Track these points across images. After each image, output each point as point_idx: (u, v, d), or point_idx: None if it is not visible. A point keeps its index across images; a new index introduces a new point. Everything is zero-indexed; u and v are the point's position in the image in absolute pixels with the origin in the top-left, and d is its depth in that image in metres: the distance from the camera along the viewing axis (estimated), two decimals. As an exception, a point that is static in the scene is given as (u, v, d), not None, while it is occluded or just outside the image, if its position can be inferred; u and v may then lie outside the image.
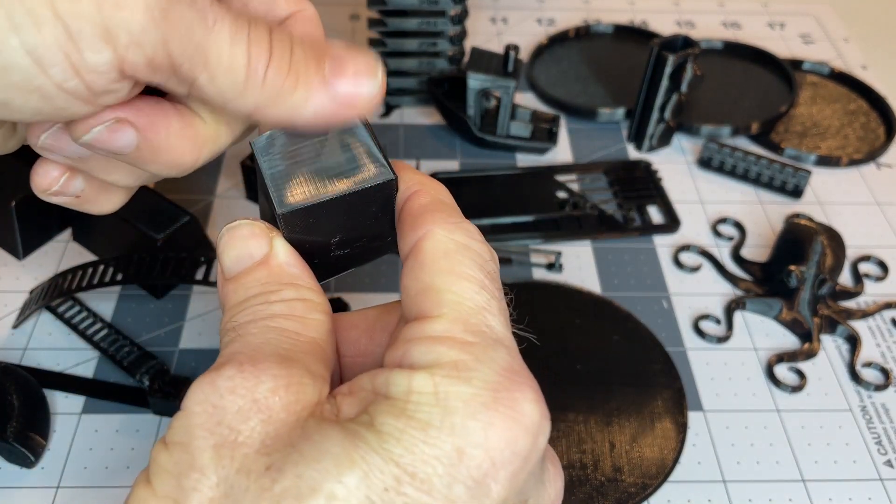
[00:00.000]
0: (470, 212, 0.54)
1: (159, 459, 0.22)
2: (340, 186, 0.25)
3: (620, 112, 0.63)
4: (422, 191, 0.27)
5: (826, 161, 0.61)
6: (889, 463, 0.43)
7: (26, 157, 0.57)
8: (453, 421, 0.21)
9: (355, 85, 0.25)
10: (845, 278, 0.53)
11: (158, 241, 0.46)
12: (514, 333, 0.26)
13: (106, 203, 0.29)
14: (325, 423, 0.22)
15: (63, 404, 0.43)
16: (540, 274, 0.52)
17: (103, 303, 0.48)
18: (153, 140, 0.24)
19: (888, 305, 0.51)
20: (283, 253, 0.26)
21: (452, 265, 0.25)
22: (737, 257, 0.53)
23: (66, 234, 0.52)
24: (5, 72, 0.21)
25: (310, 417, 0.22)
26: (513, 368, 0.23)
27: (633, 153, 0.61)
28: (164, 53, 0.22)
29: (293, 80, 0.24)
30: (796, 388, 0.46)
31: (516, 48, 0.55)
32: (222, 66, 0.23)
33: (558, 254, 0.52)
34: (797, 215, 0.55)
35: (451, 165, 0.59)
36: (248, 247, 0.26)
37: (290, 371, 0.23)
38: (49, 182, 0.27)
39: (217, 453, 0.21)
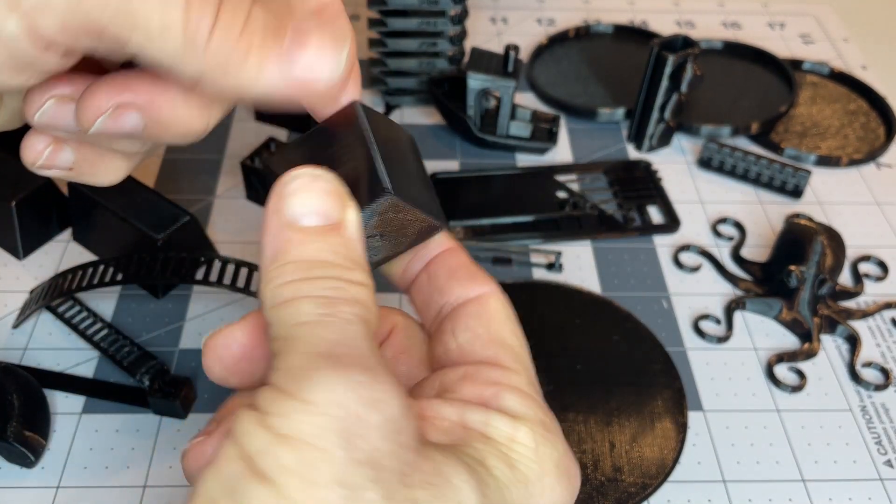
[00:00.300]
0: (470, 212, 0.55)
1: (279, 456, 0.19)
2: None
3: (620, 112, 0.63)
4: (460, 249, 0.28)
5: (826, 161, 0.61)
6: (889, 463, 0.43)
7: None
8: (545, 481, 0.23)
9: (316, 61, 0.22)
10: (845, 278, 0.53)
11: (158, 241, 0.47)
12: None
13: (106, 174, 0.27)
14: (448, 454, 0.22)
15: (63, 404, 0.43)
16: (540, 274, 0.52)
17: (103, 303, 0.48)
18: (158, 116, 0.23)
19: (888, 305, 0.51)
20: (355, 227, 0.24)
21: (516, 329, 0.27)
22: (737, 257, 0.53)
23: (67, 234, 0.52)
24: None
25: (427, 444, 0.21)
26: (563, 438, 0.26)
27: (633, 153, 0.61)
28: (79, 16, 0.20)
29: (244, 48, 0.21)
30: (796, 388, 0.46)
31: (516, 48, 0.56)
32: (154, 29, 0.20)
33: (558, 254, 0.52)
34: (797, 215, 0.55)
35: (451, 165, 0.59)
36: (326, 203, 0.23)
37: (400, 388, 0.22)
38: (34, 155, 0.25)
39: (357, 470, 0.20)
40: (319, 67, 0.23)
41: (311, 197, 0.23)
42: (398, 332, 0.29)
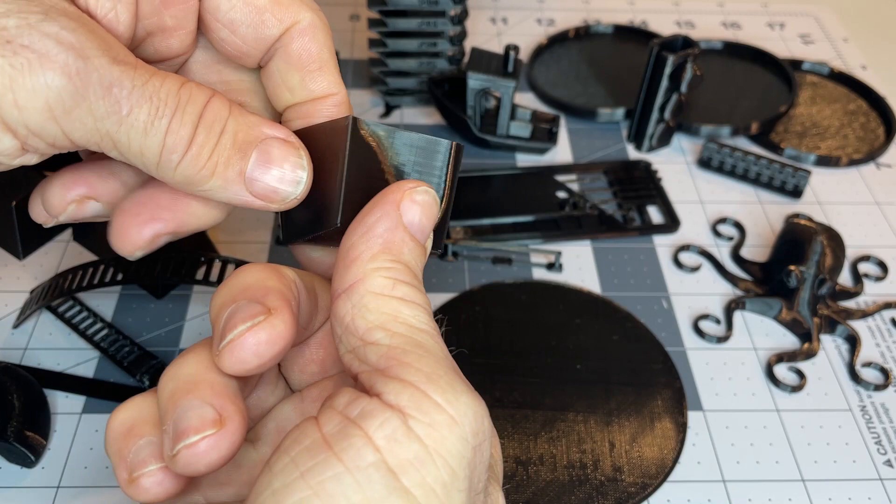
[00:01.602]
0: (470, 212, 0.55)
1: (427, 473, 0.20)
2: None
3: (620, 112, 0.63)
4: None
5: (826, 161, 0.61)
6: (889, 463, 0.43)
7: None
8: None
9: (275, 186, 0.24)
10: (845, 278, 0.53)
11: (159, 241, 0.47)
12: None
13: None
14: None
15: (63, 404, 0.43)
16: (540, 274, 0.52)
17: (104, 303, 0.48)
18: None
19: (888, 305, 0.51)
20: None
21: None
22: (736, 257, 0.53)
23: (67, 234, 0.52)
24: None
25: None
26: None
27: (632, 153, 0.61)
28: (67, 140, 0.22)
29: (209, 170, 0.24)
30: (796, 388, 0.46)
31: (516, 48, 0.56)
32: (132, 152, 0.23)
33: (558, 253, 0.52)
34: (797, 215, 0.55)
35: (451, 165, 0.59)
36: (430, 225, 0.25)
37: None
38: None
39: (472, 502, 0.21)
40: (278, 191, 0.25)
41: (427, 215, 0.25)
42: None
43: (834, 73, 0.69)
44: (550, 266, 0.52)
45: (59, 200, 0.25)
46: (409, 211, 0.24)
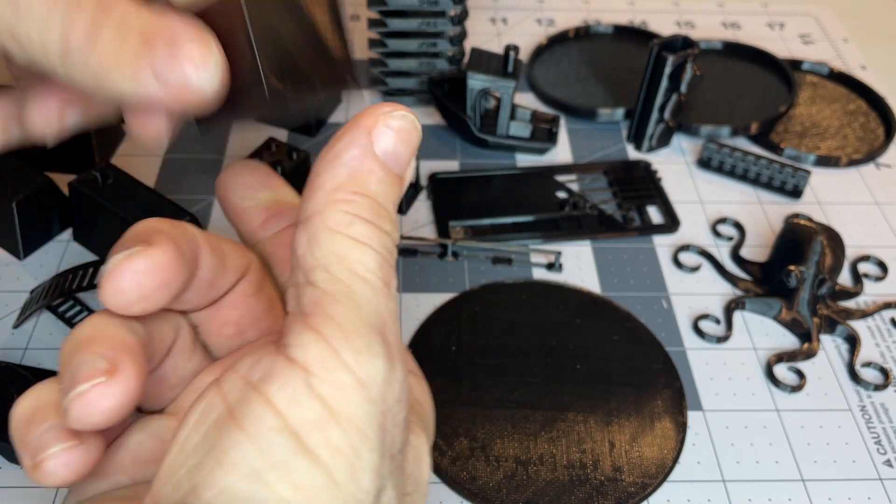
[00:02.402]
0: (470, 212, 0.55)
1: (331, 435, 0.19)
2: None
3: (620, 112, 0.63)
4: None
5: (825, 161, 0.61)
6: (888, 463, 0.43)
7: (27, 157, 0.57)
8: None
9: (190, 73, 0.23)
10: (845, 278, 0.53)
11: (159, 241, 0.47)
12: None
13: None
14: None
15: (63, 404, 0.43)
16: (540, 274, 0.52)
17: (104, 303, 0.48)
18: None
19: (888, 305, 0.51)
20: (404, 187, 0.24)
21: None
22: (736, 257, 0.53)
23: (67, 234, 0.52)
24: None
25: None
26: None
27: (632, 153, 0.61)
28: None
29: (115, 63, 0.22)
30: (796, 388, 0.46)
31: (516, 48, 0.56)
32: (34, 47, 0.22)
33: (558, 253, 0.52)
34: (796, 215, 0.55)
35: (452, 165, 0.60)
36: (408, 154, 0.23)
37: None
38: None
39: (386, 463, 0.20)
40: (192, 80, 0.23)
41: (403, 143, 0.23)
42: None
43: (834, 73, 0.69)
44: (550, 266, 0.52)
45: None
46: (382, 138, 0.23)
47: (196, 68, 0.22)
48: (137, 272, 0.22)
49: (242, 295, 0.27)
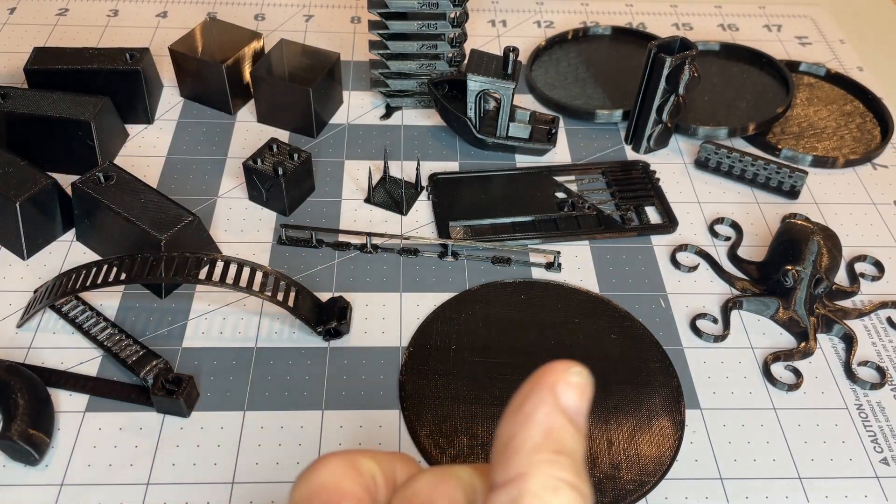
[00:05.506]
0: (470, 212, 0.55)
1: None
2: None
3: (618, 113, 0.64)
4: None
5: (822, 162, 0.61)
6: (885, 461, 0.43)
7: (29, 157, 0.57)
8: None
9: None
10: (841, 278, 0.53)
11: (162, 240, 0.47)
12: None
13: None
14: None
15: (67, 402, 0.44)
16: (539, 273, 0.52)
17: (107, 302, 0.49)
18: None
19: (884, 304, 0.51)
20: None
21: None
22: (734, 257, 0.54)
23: (70, 234, 0.53)
24: None
25: None
26: None
27: (631, 154, 0.62)
28: None
29: None
30: (793, 387, 0.46)
31: (515, 50, 0.56)
32: None
33: (557, 253, 0.52)
34: (793, 215, 0.55)
35: (451, 166, 0.60)
36: (586, 409, 0.23)
37: None
38: None
39: None
40: None
41: (583, 398, 0.23)
42: None
43: (830, 74, 0.69)
44: (549, 266, 0.52)
45: None
46: (566, 394, 0.23)
47: None
48: None
49: None
